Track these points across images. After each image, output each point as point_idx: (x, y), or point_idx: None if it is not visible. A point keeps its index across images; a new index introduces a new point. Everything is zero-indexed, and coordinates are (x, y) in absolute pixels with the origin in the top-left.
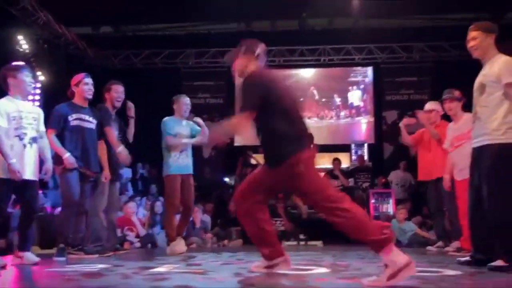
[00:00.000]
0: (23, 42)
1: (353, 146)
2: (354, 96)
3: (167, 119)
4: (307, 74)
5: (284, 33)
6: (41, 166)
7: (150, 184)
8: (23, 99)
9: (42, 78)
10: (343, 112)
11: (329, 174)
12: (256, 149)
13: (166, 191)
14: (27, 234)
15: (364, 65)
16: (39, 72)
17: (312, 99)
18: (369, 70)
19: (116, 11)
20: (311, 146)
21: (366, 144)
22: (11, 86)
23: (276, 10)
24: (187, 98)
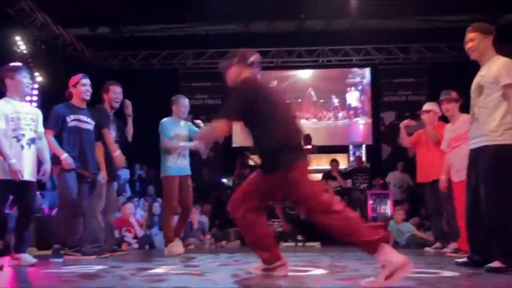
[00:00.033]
0: (20, 43)
1: (351, 147)
2: (352, 97)
3: (165, 120)
4: (305, 75)
5: (282, 34)
6: (39, 167)
7: (148, 185)
8: (21, 100)
9: (39, 79)
10: (341, 113)
11: (327, 175)
12: (255, 150)
13: (164, 192)
14: (24, 235)
15: (362, 66)
16: (36, 73)
17: (309, 100)
18: (367, 71)
19: (114, 12)
20: (305, 152)
21: (364, 145)
22: (9, 87)
23: (274, 11)
24: (186, 100)
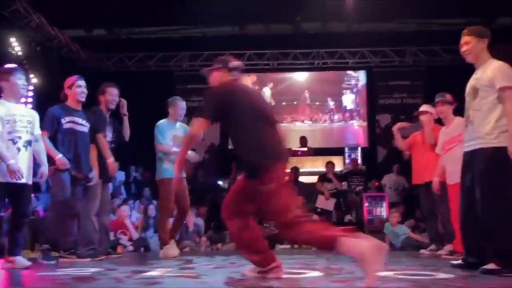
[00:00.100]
0: (15, 45)
1: (346, 149)
2: (348, 100)
3: (160, 123)
4: (301, 77)
5: (278, 36)
6: (35, 169)
7: (143, 187)
8: (16, 102)
9: (35, 80)
10: (337, 116)
11: (322, 177)
12: None
13: (160, 194)
14: (18, 238)
15: (358, 69)
16: (31, 75)
17: (304, 103)
18: (362, 74)
19: (110, 13)
20: (285, 159)
21: (359, 148)
22: (4, 89)
23: (270, 13)
24: (183, 102)
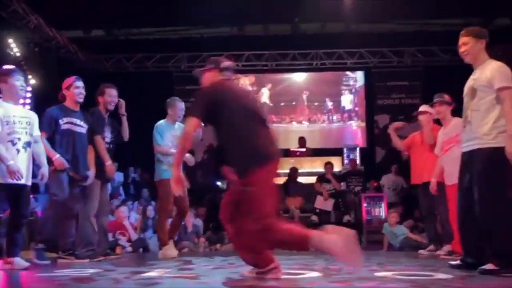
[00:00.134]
0: (13, 46)
1: (345, 150)
2: (346, 100)
3: (159, 124)
4: (300, 78)
5: (276, 37)
6: (34, 170)
7: (141, 188)
8: (15, 103)
9: (33, 81)
10: (335, 116)
11: (321, 178)
12: None
13: (159, 195)
14: (16, 239)
15: (356, 69)
16: (29, 76)
17: (302, 104)
18: (360, 74)
19: (108, 14)
20: (274, 160)
21: (358, 148)
22: (3, 91)
23: (268, 14)
24: (182, 103)
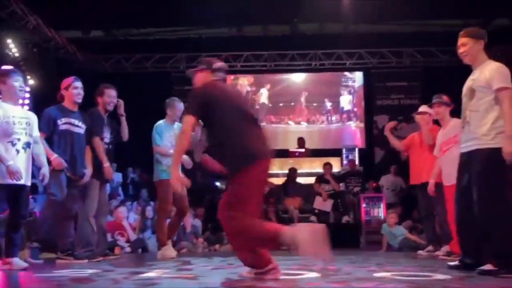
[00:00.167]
0: (12, 46)
1: (344, 150)
2: (345, 101)
3: (158, 124)
4: (298, 78)
5: (275, 37)
6: (33, 170)
7: (140, 188)
8: (14, 104)
9: (31, 82)
10: (334, 117)
11: (320, 179)
12: None
13: (159, 196)
14: (15, 239)
15: (355, 70)
16: (28, 76)
17: (301, 105)
18: (359, 75)
19: (107, 15)
20: (265, 159)
21: (357, 149)
22: (1, 91)
23: (267, 15)
24: (181, 103)
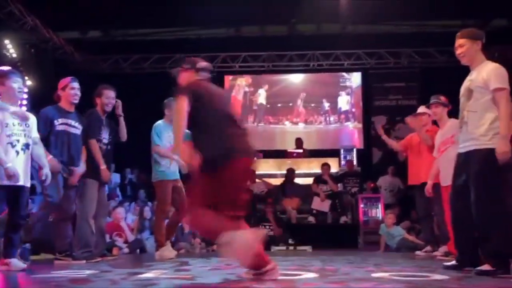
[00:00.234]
0: (10, 47)
1: (342, 151)
2: (343, 101)
3: (157, 125)
4: (296, 79)
5: (273, 38)
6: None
7: (138, 189)
8: (13, 105)
9: (29, 83)
10: (332, 117)
11: (318, 179)
12: None
13: (158, 196)
14: (14, 240)
15: (353, 70)
16: (26, 77)
17: (299, 106)
18: (357, 75)
19: (105, 15)
20: (248, 155)
21: (355, 149)
22: (0, 92)
23: (265, 15)
24: None
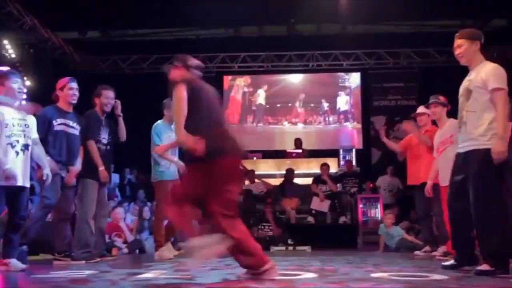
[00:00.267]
0: (8, 47)
1: (341, 151)
2: (342, 102)
3: (157, 125)
4: (296, 79)
5: (272, 38)
6: (31, 172)
7: (137, 189)
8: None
9: (28, 83)
10: (331, 118)
11: (317, 179)
12: (245, 154)
13: (157, 197)
14: (13, 240)
15: (352, 70)
16: (25, 77)
17: (298, 106)
18: (357, 75)
19: (104, 16)
20: (235, 153)
21: (354, 149)
22: (0, 93)
23: (264, 15)
24: None
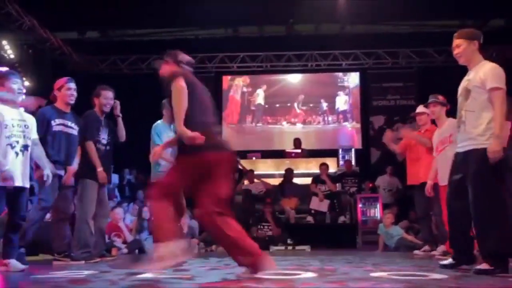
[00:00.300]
0: (7, 48)
1: (340, 151)
2: (341, 101)
3: (156, 125)
4: (295, 79)
5: (271, 38)
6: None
7: (137, 189)
8: (12, 106)
9: (27, 83)
10: (331, 117)
11: (316, 179)
12: (244, 154)
13: None
14: (13, 240)
15: (351, 70)
16: (24, 78)
17: (297, 106)
18: (356, 75)
19: (103, 16)
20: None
21: (353, 149)
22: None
23: (263, 15)
24: None
